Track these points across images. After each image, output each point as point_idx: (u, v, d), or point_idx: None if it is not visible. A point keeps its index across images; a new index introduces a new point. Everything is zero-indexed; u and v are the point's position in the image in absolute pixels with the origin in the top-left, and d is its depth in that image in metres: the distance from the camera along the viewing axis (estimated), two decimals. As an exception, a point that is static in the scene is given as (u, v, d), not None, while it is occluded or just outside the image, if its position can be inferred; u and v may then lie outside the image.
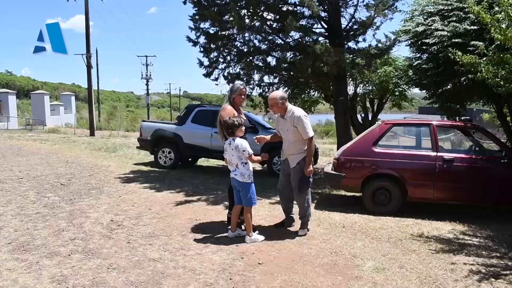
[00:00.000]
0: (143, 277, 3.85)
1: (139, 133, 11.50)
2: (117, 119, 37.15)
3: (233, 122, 4.86)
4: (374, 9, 9.22)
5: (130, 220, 5.69)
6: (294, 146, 5.29)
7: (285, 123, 5.32)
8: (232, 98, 5.32)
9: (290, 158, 5.34)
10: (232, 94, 5.34)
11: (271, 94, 5.48)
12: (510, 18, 5.37)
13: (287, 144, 5.36)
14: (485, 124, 19.14)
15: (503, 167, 6.33)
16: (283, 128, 5.38)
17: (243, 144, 4.85)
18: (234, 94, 5.32)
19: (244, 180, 4.92)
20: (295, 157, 5.30)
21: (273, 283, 3.82)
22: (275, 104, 5.29)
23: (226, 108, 5.25)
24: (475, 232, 5.72)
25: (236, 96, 5.32)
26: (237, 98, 5.34)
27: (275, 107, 5.33)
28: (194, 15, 10.45)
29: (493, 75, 5.64)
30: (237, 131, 4.90)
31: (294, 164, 5.31)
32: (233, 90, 5.37)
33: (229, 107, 5.27)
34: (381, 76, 13.42)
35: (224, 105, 5.39)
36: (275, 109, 5.39)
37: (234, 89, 5.37)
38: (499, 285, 3.93)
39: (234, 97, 5.32)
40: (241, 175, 4.92)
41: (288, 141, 5.32)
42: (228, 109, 5.24)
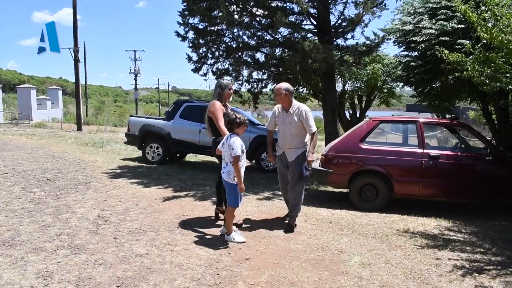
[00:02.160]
0: (130, 272, 3.84)
1: (127, 128, 11.42)
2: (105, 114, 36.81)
3: (234, 118, 4.75)
4: (362, 6, 9.26)
5: (117, 216, 5.66)
6: (295, 140, 5.36)
7: (287, 117, 5.35)
8: (223, 94, 5.32)
9: (289, 152, 5.39)
10: (222, 90, 5.32)
11: (278, 85, 5.49)
12: (496, 18, 5.42)
13: (288, 138, 5.37)
14: (471, 122, 19.37)
15: (488, 164, 6.42)
16: (284, 121, 5.38)
17: (236, 143, 4.68)
18: (225, 90, 5.32)
19: (229, 180, 4.77)
20: (295, 151, 5.37)
21: (260, 278, 3.84)
22: (278, 94, 5.34)
23: (215, 104, 5.22)
24: (460, 228, 5.80)
25: (227, 92, 5.33)
26: (227, 93, 5.35)
27: (278, 97, 5.37)
28: (183, 10, 10.39)
29: (479, 73, 5.71)
30: (236, 128, 4.77)
31: (293, 158, 5.37)
32: (223, 86, 5.35)
33: (219, 103, 5.24)
34: (370, 73, 13.51)
35: (213, 101, 5.34)
36: (278, 99, 5.40)
37: (224, 84, 5.35)
38: (482, 280, 3.99)
39: (224, 93, 5.32)
40: (227, 174, 4.79)
41: (289, 134, 5.35)
42: (217, 105, 5.21)
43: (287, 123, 5.35)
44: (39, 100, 37.40)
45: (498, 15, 5.39)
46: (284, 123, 5.38)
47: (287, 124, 5.35)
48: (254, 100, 11.07)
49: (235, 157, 4.60)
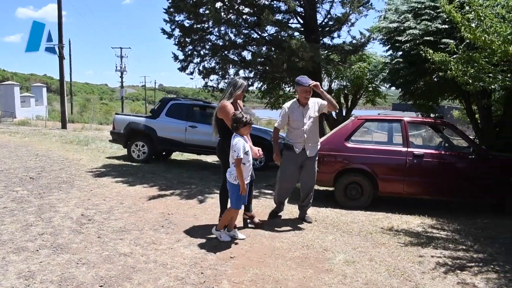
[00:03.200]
0: (113, 272, 3.81)
1: (112, 126, 11.32)
2: (90, 112, 36.51)
3: (241, 118, 4.55)
4: (349, 5, 9.34)
5: (101, 215, 5.60)
6: (315, 134, 5.41)
7: (306, 111, 5.31)
8: (235, 93, 5.01)
9: (311, 148, 5.38)
10: (235, 89, 5.00)
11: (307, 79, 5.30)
12: (479, 18, 5.49)
13: (309, 133, 5.32)
14: (455, 121, 19.63)
15: (471, 162, 6.50)
16: (305, 115, 5.30)
17: (238, 145, 4.48)
18: (238, 91, 5.01)
19: (230, 180, 4.62)
20: (316, 146, 5.45)
21: (245, 276, 3.83)
22: (310, 90, 5.28)
23: (227, 106, 4.91)
24: (443, 225, 5.87)
25: (239, 92, 5.03)
26: (239, 95, 5.07)
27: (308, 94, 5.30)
28: (169, 7, 10.35)
29: (463, 73, 5.78)
30: (241, 128, 4.58)
31: (314, 153, 5.42)
32: (236, 85, 5.02)
33: (229, 105, 4.94)
34: (356, 72, 13.59)
35: (223, 101, 5.02)
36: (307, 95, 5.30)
37: (238, 84, 5.03)
38: (464, 276, 4.04)
39: (237, 93, 5.02)
40: (229, 174, 4.64)
41: (310, 131, 5.32)
42: (228, 106, 4.90)
43: (307, 118, 5.29)
44: (23, 98, 36.93)
45: (481, 15, 5.46)
46: (305, 117, 5.29)
47: (307, 118, 5.29)
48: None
49: (236, 159, 4.47)
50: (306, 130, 5.30)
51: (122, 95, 52.33)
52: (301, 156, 5.36)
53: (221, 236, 4.74)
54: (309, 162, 5.42)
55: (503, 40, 5.08)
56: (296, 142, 5.35)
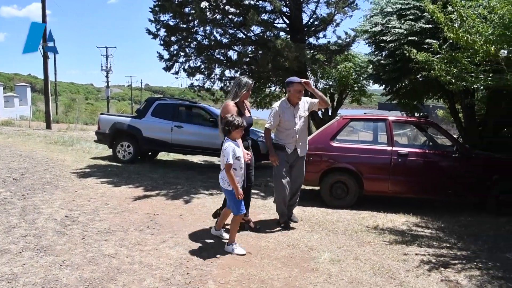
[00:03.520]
0: (98, 273, 3.78)
1: (97, 126, 11.21)
2: (75, 112, 36.10)
3: (232, 121, 4.41)
4: (334, 6, 9.39)
5: (85, 216, 5.55)
6: (306, 134, 5.43)
7: (297, 110, 5.28)
8: (240, 93, 4.89)
9: (302, 147, 5.38)
10: (240, 89, 4.89)
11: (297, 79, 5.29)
12: (462, 18, 5.56)
13: (300, 134, 5.31)
14: (440, 120, 19.84)
15: (454, 161, 6.58)
16: (295, 115, 5.26)
17: (227, 150, 4.35)
18: (243, 90, 4.90)
19: (223, 185, 4.51)
20: (306, 146, 5.47)
21: (230, 277, 3.83)
22: (301, 89, 5.26)
23: (229, 105, 4.81)
24: (428, 223, 5.93)
25: (244, 92, 4.93)
26: (245, 94, 4.97)
27: (300, 94, 5.26)
28: (154, 6, 10.29)
29: (446, 72, 5.84)
30: (233, 132, 4.44)
31: (304, 153, 5.43)
32: (241, 84, 4.90)
33: (232, 105, 4.82)
34: (341, 72, 13.67)
35: (226, 101, 4.93)
36: (299, 95, 5.27)
37: (243, 83, 4.90)
38: (448, 274, 4.10)
39: (242, 93, 4.90)
40: (221, 180, 4.53)
41: (301, 130, 5.32)
42: (230, 106, 4.80)
43: (298, 117, 5.27)
44: (6, 98, 36.41)
45: (464, 16, 5.53)
46: (296, 117, 5.26)
47: (298, 117, 5.27)
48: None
49: (226, 165, 4.32)
50: (298, 130, 5.29)
51: (108, 95, 51.86)
52: (292, 156, 5.34)
53: (234, 250, 4.45)
54: (300, 162, 5.43)
55: (485, 40, 5.15)
56: (287, 142, 5.30)
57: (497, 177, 6.40)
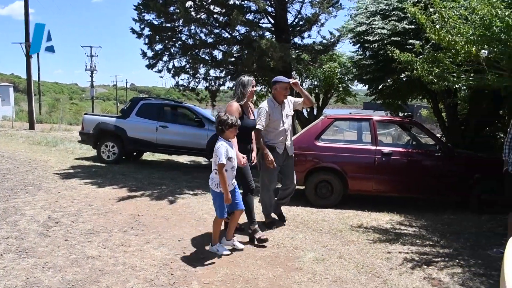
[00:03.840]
0: (81, 275, 3.74)
1: (81, 126, 11.10)
2: (59, 112, 35.64)
3: (225, 119, 4.24)
4: (319, 6, 9.44)
5: (68, 217, 5.49)
6: (291, 133, 5.39)
7: (284, 109, 5.24)
8: (245, 92, 4.75)
9: (290, 147, 5.36)
10: (244, 88, 4.74)
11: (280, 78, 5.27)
12: (443, 19, 5.61)
13: (288, 132, 5.28)
14: (424, 120, 20.07)
15: (437, 160, 6.66)
16: (283, 114, 5.20)
17: (219, 150, 4.19)
18: (248, 88, 4.75)
19: (212, 187, 4.36)
20: (293, 144, 5.44)
21: (215, 277, 3.83)
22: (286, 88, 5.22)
23: (232, 106, 4.66)
24: (411, 222, 6.00)
25: (249, 89, 4.78)
26: (250, 92, 4.81)
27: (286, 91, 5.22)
28: (139, 5, 10.22)
29: (428, 72, 5.89)
30: (227, 131, 4.27)
31: (292, 153, 5.41)
32: (244, 83, 4.76)
33: (236, 105, 4.67)
34: (326, 72, 13.74)
35: (231, 102, 4.77)
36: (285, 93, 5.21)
37: (246, 82, 4.77)
38: (430, 271, 4.15)
39: (247, 91, 4.76)
40: (211, 180, 4.37)
41: (289, 130, 5.30)
42: (234, 107, 4.64)
43: (284, 116, 5.23)
44: (-12, 98, 35.75)
45: (445, 17, 5.58)
46: (283, 116, 5.20)
47: (285, 117, 5.23)
48: (211, 98, 11.05)
49: (218, 165, 4.16)
50: (286, 129, 5.27)
51: (93, 95, 51.24)
52: (282, 156, 5.30)
53: (218, 250, 4.40)
54: (290, 161, 5.44)
55: (466, 40, 5.21)
56: (277, 142, 5.24)
57: (479, 176, 6.48)
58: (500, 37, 4.85)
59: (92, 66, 49.84)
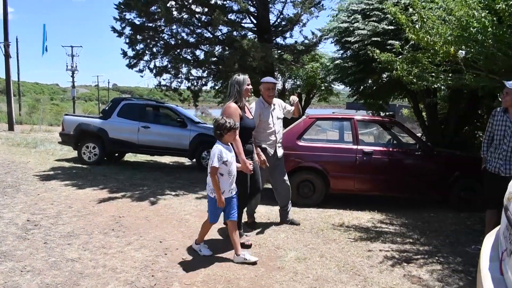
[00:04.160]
0: (60, 278, 3.69)
1: (61, 127, 10.95)
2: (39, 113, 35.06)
3: (223, 123, 4.07)
4: (301, 6, 9.49)
5: (48, 220, 5.41)
6: (281, 135, 5.36)
7: (274, 110, 5.22)
8: (242, 91, 4.56)
9: (280, 148, 5.34)
10: (240, 86, 4.54)
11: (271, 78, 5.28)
12: (422, 20, 5.70)
13: (278, 133, 5.26)
14: (405, 119, 20.28)
15: (417, 159, 6.75)
16: (273, 115, 5.18)
17: (213, 152, 4.05)
18: (244, 85, 4.56)
19: (207, 191, 4.24)
20: (281, 146, 5.40)
21: (196, 278, 3.81)
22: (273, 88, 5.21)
23: (230, 107, 4.44)
24: (392, 220, 6.07)
25: (245, 88, 4.59)
26: (246, 90, 4.62)
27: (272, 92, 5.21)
28: (120, 4, 10.13)
29: (407, 72, 5.97)
30: (226, 135, 4.11)
31: (281, 154, 5.39)
32: (240, 81, 4.56)
33: (234, 106, 4.47)
34: (308, 72, 13.81)
35: (228, 103, 4.54)
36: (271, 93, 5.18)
37: (241, 80, 4.57)
38: (410, 268, 4.20)
39: (243, 90, 4.57)
40: (207, 185, 4.22)
41: (279, 131, 5.28)
42: (232, 108, 4.43)
43: (275, 118, 5.21)
44: (-35, 98, 35.01)
45: (424, 17, 5.67)
46: (274, 117, 5.18)
47: (275, 118, 5.22)
48: (194, 98, 11.01)
49: (211, 168, 4.03)
50: (277, 131, 5.25)
51: (74, 95, 50.55)
52: (272, 158, 5.26)
53: (200, 250, 4.36)
54: (281, 163, 5.43)
55: (444, 41, 5.29)
56: (268, 143, 5.21)
57: (458, 174, 6.59)
58: (477, 37, 4.94)
59: (73, 66, 49.13)
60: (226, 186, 4.15)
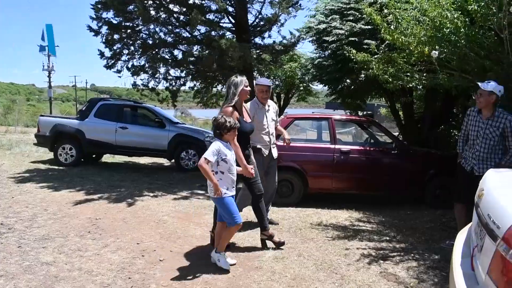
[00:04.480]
0: (34, 282, 3.63)
1: (37, 128, 10.76)
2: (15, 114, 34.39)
3: (223, 122, 3.91)
4: (278, 6, 9.49)
5: (22, 223, 5.31)
6: (274, 135, 5.29)
7: (268, 112, 5.18)
8: (238, 92, 4.39)
9: (274, 149, 5.29)
10: (237, 88, 4.38)
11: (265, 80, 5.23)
12: (397, 20, 5.78)
13: (272, 134, 5.21)
14: (383, 118, 20.56)
15: (393, 158, 6.85)
16: (268, 117, 5.15)
17: (212, 146, 3.88)
18: (240, 86, 4.39)
19: (211, 194, 3.99)
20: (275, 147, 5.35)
21: (174, 279, 3.79)
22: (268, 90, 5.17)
23: (228, 110, 4.29)
24: (369, 218, 6.13)
25: (242, 89, 4.42)
26: (244, 91, 4.46)
27: (267, 94, 5.16)
28: (96, 4, 9.99)
29: (383, 72, 6.05)
30: (226, 134, 3.95)
31: (276, 155, 5.33)
32: (237, 83, 4.39)
33: (230, 110, 4.31)
34: (287, 72, 13.86)
35: (224, 107, 4.38)
36: (266, 96, 5.14)
37: (238, 81, 4.41)
38: (386, 266, 4.25)
39: (240, 91, 4.40)
40: (209, 186, 3.99)
41: (273, 132, 5.23)
42: (228, 112, 4.27)
43: (270, 120, 5.18)
44: None
45: (399, 18, 5.75)
46: (268, 119, 5.15)
47: (270, 120, 5.18)
48: (172, 97, 10.93)
49: (202, 158, 3.81)
50: (271, 132, 5.22)
51: (51, 96, 49.55)
52: (267, 159, 5.22)
53: (220, 260, 4.06)
54: (274, 164, 5.38)
55: (418, 41, 5.38)
56: (262, 144, 5.16)
57: (433, 172, 6.70)
58: (450, 38, 5.03)
59: (49, 66, 48.22)
60: (228, 184, 4.00)
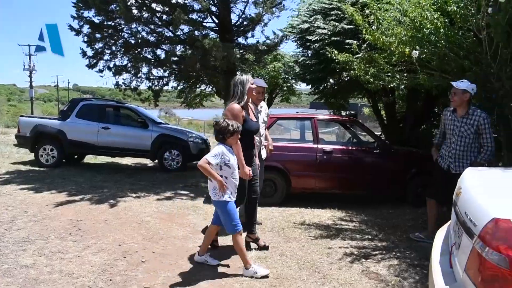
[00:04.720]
0: (13, 286, 3.57)
1: (17, 129, 10.59)
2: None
3: (226, 126, 3.80)
4: (262, 6, 9.50)
5: (1, 225, 5.22)
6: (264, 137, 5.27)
7: (260, 113, 5.13)
8: (245, 90, 4.29)
9: (263, 151, 5.27)
10: (244, 86, 4.27)
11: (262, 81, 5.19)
12: (378, 21, 5.84)
13: (262, 137, 5.18)
14: (366, 118, 20.72)
15: (375, 157, 6.91)
16: (259, 118, 5.06)
17: (215, 149, 3.80)
18: (246, 86, 4.29)
19: (214, 197, 3.86)
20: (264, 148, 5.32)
21: (156, 280, 3.77)
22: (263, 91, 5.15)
23: (233, 108, 4.18)
24: (352, 217, 6.18)
25: (249, 87, 4.33)
26: (251, 89, 4.38)
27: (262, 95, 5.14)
28: (77, 2, 9.87)
29: (364, 72, 6.11)
30: (229, 138, 3.84)
31: (265, 156, 5.32)
32: (243, 81, 4.29)
33: (238, 107, 4.20)
34: (271, 72, 13.88)
35: (230, 104, 4.27)
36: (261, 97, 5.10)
37: (244, 79, 4.31)
38: (368, 264, 4.30)
39: (247, 89, 4.31)
40: (212, 190, 3.87)
41: (262, 134, 5.19)
42: (236, 109, 4.17)
43: (261, 120, 5.12)
44: None
45: (380, 18, 5.81)
46: (259, 120, 5.03)
47: (262, 121, 5.14)
48: (155, 97, 10.87)
49: (203, 159, 3.71)
50: (261, 133, 5.18)
51: (32, 96, 48.83)
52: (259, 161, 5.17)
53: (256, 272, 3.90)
54: (263, 165, 5.36)
55: (399, 41, 5.44)
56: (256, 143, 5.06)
57: (415, 171, 6.78)
58: (430, 38, 5.10)
59: (31, 65, 47.50)
60: (230, 189, 3.90)
